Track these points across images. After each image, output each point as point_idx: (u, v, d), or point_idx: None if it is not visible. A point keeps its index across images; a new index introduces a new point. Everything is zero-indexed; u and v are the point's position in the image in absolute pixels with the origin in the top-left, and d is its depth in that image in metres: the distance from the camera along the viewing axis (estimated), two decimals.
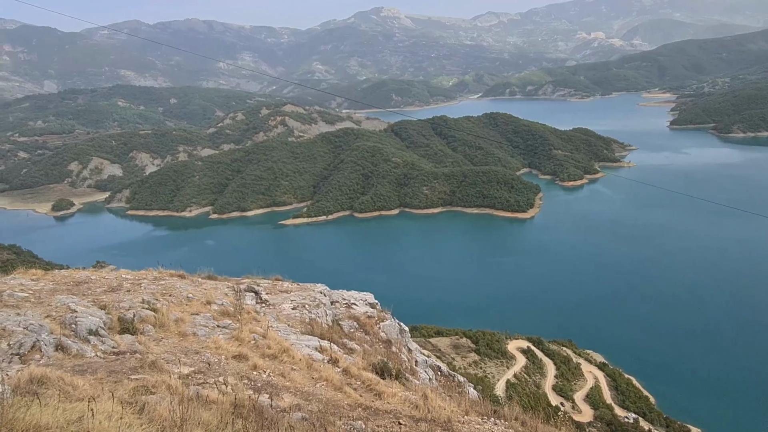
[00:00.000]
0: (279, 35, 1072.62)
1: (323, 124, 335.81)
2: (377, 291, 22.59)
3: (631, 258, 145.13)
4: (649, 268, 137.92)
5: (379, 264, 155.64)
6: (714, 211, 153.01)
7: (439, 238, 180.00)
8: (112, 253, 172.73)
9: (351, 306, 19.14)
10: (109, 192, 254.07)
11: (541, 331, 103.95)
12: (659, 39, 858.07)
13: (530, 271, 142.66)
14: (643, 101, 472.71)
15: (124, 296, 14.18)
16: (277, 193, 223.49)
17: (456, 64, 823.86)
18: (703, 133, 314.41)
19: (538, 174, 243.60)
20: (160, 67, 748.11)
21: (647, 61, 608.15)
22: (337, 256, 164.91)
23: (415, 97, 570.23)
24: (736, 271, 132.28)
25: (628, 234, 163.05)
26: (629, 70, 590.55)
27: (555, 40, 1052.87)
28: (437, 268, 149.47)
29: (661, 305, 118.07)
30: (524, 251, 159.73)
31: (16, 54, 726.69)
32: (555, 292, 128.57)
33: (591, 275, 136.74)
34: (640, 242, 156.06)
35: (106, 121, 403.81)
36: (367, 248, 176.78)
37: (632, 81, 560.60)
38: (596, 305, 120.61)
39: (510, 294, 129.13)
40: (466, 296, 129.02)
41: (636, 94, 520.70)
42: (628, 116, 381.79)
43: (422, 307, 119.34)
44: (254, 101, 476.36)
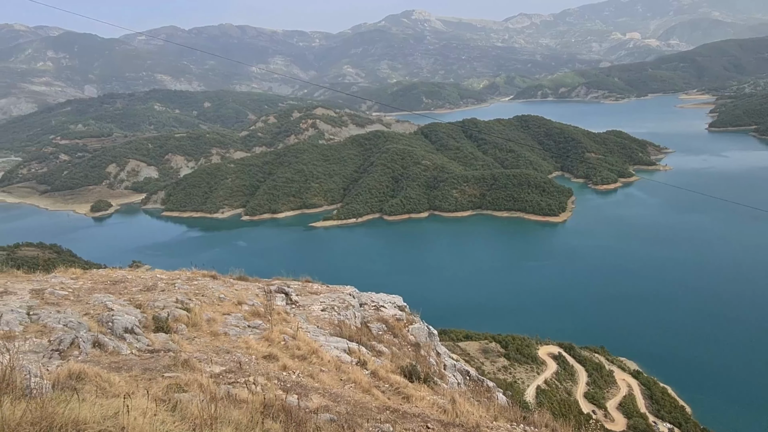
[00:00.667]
0: (311, 39, 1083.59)
1: (353, 127, 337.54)
2: (406, 294, 22.57)
3: (667, 264, 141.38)
4: (685, 275, 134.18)
5: (408, 267, 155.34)
6: (756, 217, 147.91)
7: (469, 242, 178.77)
8: (147, 252, 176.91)
9: (380, 308, 19.17)
10: (145, 193, 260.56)
11: (573, 336, 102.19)
12: (698, 39, 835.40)
13: (562, 275, 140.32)
14: (681, 103, 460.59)
15: (158, 296, 14.51)
16: (307, 196, 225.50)
17: (487, 66, 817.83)
18: (743, 135, 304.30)
19: (570, 177, 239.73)
20: (195, 72, 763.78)
21: (685, 62, 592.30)
22: (366, 259, 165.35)
23: (446, 100, 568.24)
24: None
25: (664, 239, 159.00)
26: (666, 71, 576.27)
27: (588, 41, 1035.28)
28: (467, 271, 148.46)
29: (698, 313, 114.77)
30: (556, 255, 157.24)
31: (59, 60, 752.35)
32: (587, 297, 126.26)
33: (625, 281, 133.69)
34: (676, 248, 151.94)
35: (143, 124, 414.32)
36: (396, 251, 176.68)
37: (669, 82, 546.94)
38: (630, 311, 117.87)
39: (541, 299, 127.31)
40: (495, 300, 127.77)
41: (673, 95, 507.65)
42: (664, 118, 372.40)
43: (451, 310, 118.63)
44: (286, 104, 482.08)
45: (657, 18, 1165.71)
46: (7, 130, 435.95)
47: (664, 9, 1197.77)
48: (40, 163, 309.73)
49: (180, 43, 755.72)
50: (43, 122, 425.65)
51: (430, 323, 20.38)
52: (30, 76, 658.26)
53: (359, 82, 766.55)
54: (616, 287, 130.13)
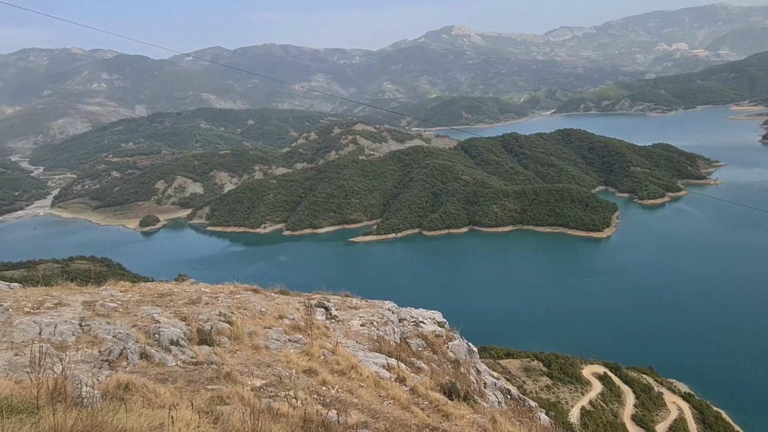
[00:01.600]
0: (351, 56, 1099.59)
1: (393, 143, 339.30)
2: (445, 309, 22.38)
3: (719, 282, 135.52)
4: (739, 294, 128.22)
5: (447, 282, 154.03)
6: None
7: (510, 257, 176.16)
8: (192, 266, 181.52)
9: (419, 324, 19.07)
10: (191, 209, 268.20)
11: (619, 356, 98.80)
12: (749, 48, 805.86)
13: (607, 292, 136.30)
14: (732, 114, 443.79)
15: (202, 309, 14.86)
16: (347, 211, 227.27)
17: (527, 80, 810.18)
18: None
19: (614, 192, 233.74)
20: (239, 90, 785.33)
21: (736, 72, 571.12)
22: (405, 274, 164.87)
23: (486, 114, 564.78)
24: None
25: (716, 256, 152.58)
26: (715, 82, 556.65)
27: (633, 52, 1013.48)
28: (507, 287, 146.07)
29: (754, 332, 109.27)
30: (600, 272, 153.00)
31: (112, 81, 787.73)
32: (634, 315, 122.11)
33: (673, 299, 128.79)
34: (730, 265, 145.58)
35: (189, 142, 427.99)
36: (436, 266, 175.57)
37: (719, 93, 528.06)
38: (680, 331, 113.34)
39: (585, 316, 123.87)
40: (538, 317, 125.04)
41: (723, 107, 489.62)
42: (714, 131, 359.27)
43: (492, 327, 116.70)
44: (326, 121, 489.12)
45: (705, 28, 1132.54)
46: (64, 148, 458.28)
47: (713, 18, 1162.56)
48: (93, 180, 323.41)
49: (225, 64, 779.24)
50: (97, 141, 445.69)
51: (470, 340, 20.14)
52: (85, 97, 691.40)
53: (399, 97, 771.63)
54: (665, 305, 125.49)
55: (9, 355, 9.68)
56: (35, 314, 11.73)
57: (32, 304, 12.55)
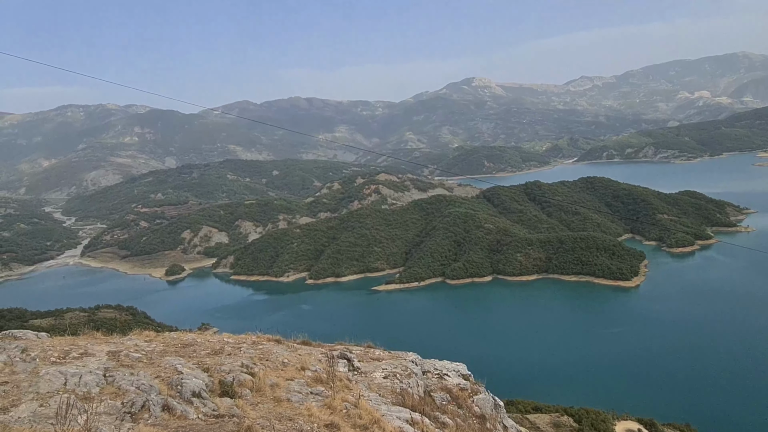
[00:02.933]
0: (374, 108, 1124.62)
1: (415, 192, 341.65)
2: (470, 361, 21.91)
3: (759, 334, 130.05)
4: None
5: (471, 332, 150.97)
6: None
7: (536, 307, 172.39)
8: (216, 315, 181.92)
9: (443, 377, 18.66)
10: (216, 258, 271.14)
11: (654, 411, 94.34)
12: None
13: (638, 344, 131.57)
14: (760, 161, 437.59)
15: (225, 359, 14.83)
16: (370, 260, 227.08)
17: (549, 129, 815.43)
18: None
19: (641, 240, 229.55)
20: (265, 142, 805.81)
21: (762, 119, 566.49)
22: (428, 324, 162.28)
23: (508, 163, 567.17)
24: None
25: (753, 307, 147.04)
26: (741, 129, 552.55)
27: (654, 101, 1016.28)
28: (534, 338, 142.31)
29: None
30: (631, 322, 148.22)
31: (144, 134, 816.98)
32: (668, 368, 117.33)
33: (708, 351, 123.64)
34: (766, 316, 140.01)
35: (216, 192, 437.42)
36: (460, 316, 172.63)
37: (745, 140, 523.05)
38: (716, 385, 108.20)
39: (616, 369, 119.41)
40: (566, 370, 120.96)
41: (750, 154, 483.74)
42: (742, 177, 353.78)
43: (518, 379, 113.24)
44: (350, 171, 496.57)
45: (727, 76, 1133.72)
46: (96, 199, 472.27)
47: (735, 67, 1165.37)
48: (122, 230, 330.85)
49: (251, 118, 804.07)
50: (127, 192, 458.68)
51: (496, 393, 19.58)
52: (118, 150, 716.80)
53: (421, 147, 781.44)
54: (701, 358, 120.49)
55: (34, 406, 9.75)
56: (61, 364, 11.85)
57: (58, 354, 12.69)
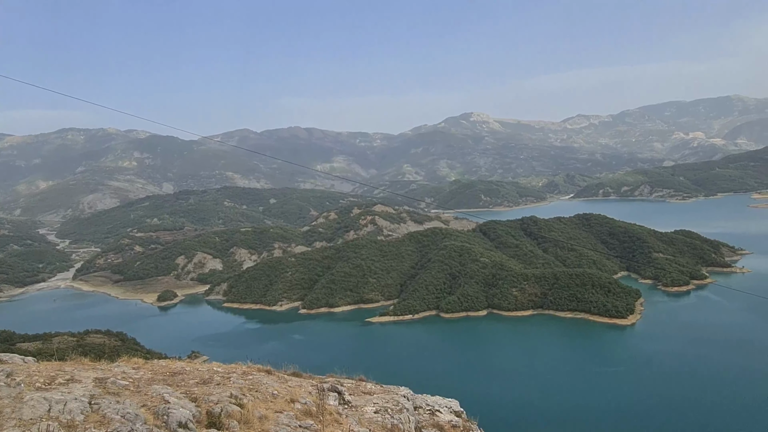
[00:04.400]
0: (372, 139, 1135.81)
1: (412, 224, 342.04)
2: (462, 397, 21.59)
3: (755, 377, 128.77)
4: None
5: (465, 368, 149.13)
6: None
7: (531, 343, 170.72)
8: (207, 343, 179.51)
9: (435, 413, 18.36)
10: (209, 285, 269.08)
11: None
12: (767, 138, 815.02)
13: (633, 385, 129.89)
14: (755, 202, 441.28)
15: (214, 389, 14.57)
16: (364, 291, 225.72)
17: (546, 165, 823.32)
18: None
19: (637, 278, 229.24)
20: (263, 170, 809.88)
21: (756, 161, 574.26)
22: (421, 358, 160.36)
23: (504, 198, 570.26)
24: None
25: (749, 349, 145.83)
26: (735, 170, 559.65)
27: (650, 140, 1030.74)
28: (528, 375, 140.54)
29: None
30: (626, 361, 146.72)
31: (143, 160, 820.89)
32: (665, 408, 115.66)
33: (706, 392, 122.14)
34: (762, 360, 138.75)
35: (212, 218, 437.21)
36: (453, 350, 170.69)
37: (739, 181, 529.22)
38: (714, 427, 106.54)
39: (613, 408, 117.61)
40: (561, 408, 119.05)
41: (745, 194, 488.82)
42: (737, 218, 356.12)
43: (511, 419, 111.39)
44: (347, 201, 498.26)
45: (721, 118, 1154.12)
46: (91, 222, 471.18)
47: (728, 109, 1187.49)
48: (116, 254, 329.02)
49: (250, 149, 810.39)
50: (123, 216, 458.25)
51: (489, 431, 19.24)
52: (116, 174, 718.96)
53: (418, 180, 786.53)
54: (696, 399, 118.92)
55: None
56: (46, 390, 11.63)
57: (44, 379, 12.47)
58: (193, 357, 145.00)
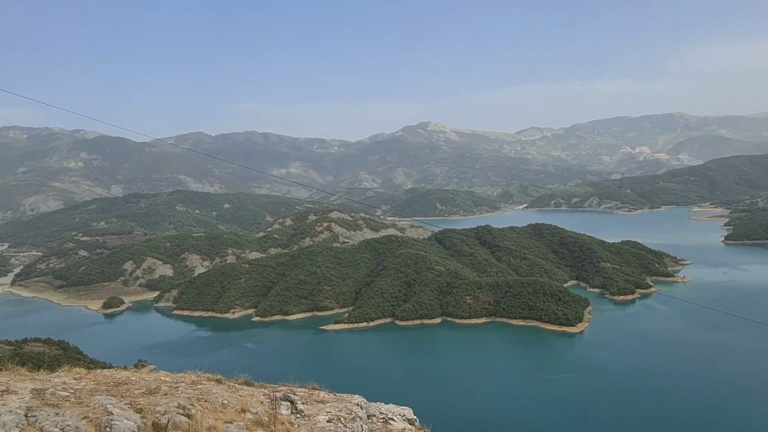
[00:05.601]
0: (329, 146, 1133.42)
1: (368, 231, 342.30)
2: (416, 405, 21.60)
3: (695, 384, 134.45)
4: (715, 396, 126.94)
5: (419, 375, 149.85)
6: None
7: (484, 350, 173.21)
8: (154, 352, 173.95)
9: (388, 421, 18.31)
10: (158, 291, 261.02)
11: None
12: (706, 154, 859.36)
13: (585, 391, 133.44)
14: (695, 215, 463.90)
15: (160, 399, 14.08)
16: (319, 298, 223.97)
17: (500, 175, 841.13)
18: (762, 249, 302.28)
19: (586, 287, 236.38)
20: (218, 174, 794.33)
21: (696, 176, 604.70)
22: (376, 365, 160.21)
23: (460, 207, 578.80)
24: None
25: (689, 357, 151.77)
26: (677, 184, 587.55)
27: (599, 153, 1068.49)
28: (481, 381, 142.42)
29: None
30: (575, 369, 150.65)
31: (91, 161, 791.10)
32: (610, 414, 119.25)
33: (649, 399, 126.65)
34: (703, 368, 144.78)
35: (163, 223, 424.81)
36: (408, 358, 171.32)
37: (681, 195, 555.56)
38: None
39: (562, 415, 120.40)
40: (512, 415, 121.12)
41: (686, 207, 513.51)
42: (679, 230, 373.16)
43: (465, 424, 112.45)
44: (303, 207, 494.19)
45: (665, 134, 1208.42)
46: (33, 225, 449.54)
47: (672, 126, 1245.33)
48: (59, 258, 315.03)
49: (205, 150, 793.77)
50: (68, 219, 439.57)
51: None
52: (61, 175, 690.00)
53: (375, 187, 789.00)
54: (638, 405, 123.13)
55: None
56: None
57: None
58: (139, 366, 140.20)
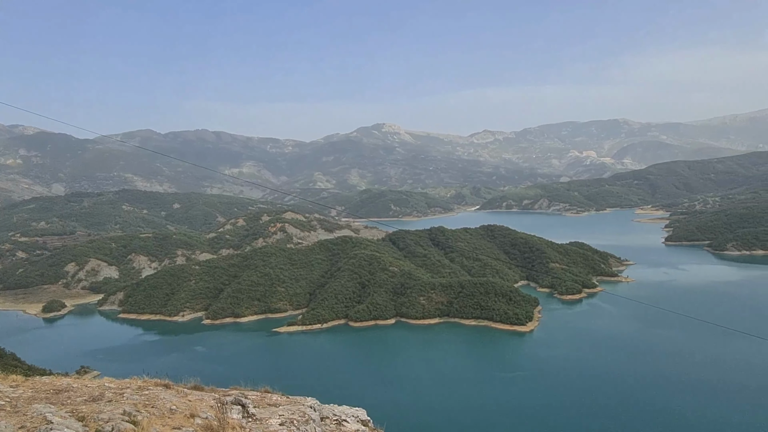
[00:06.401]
0: (283, 146, 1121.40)
1: (322, 232, 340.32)
2: (370, 406, 21.58)
3: (637, 378, 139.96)
4: (658, 392, 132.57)
5: (373, 376, 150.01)
6: (726, 334, 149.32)
7: (437, 351, 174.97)
8: (98, 357, 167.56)
9: (341, 423, 18.21)
10: (103, 294, 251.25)
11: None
12: (648, 159, 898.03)
13: (534, 388, 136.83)
14: (637, 218, 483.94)
15: (104, 407, 13.53)
16: (272, 300, 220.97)
17: (453, 177, 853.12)
18: (699, 249, 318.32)
19: (536, 287, 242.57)
20: (167, 174, 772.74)
21: (638, 180, 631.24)
22: (329, 367, 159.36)
23: (414, 208, 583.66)
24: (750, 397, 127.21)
25: (631, 352, 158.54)
26: (621, 187, 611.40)
27: (549, 157, 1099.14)
28: (434, 381, 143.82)
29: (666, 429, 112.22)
30: (525, 367, 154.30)
31: (30, 158, 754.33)
32: (558, 409, 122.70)
33: (594, 393, 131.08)
34: (643, 362, 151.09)
35: (108, 224, 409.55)
36: (361, 359, 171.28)
37: (625, 198, 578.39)
38: (601, 424, 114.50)
39: (514, 412, 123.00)
40: (466, 413, 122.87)
41: (629, 210, 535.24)
42: (623, 232, 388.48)
43: (419, 424, 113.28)
44: (256, 208, 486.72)
45: (610, 139, 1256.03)
46: None
47: (617, 131, 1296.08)
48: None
49: (154, 148, 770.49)
50: (5, 219, 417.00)
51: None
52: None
53: (329, 188, 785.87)
54: (584, 400, 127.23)
55: None
56: None
57: None
58: (82, 373, 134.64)
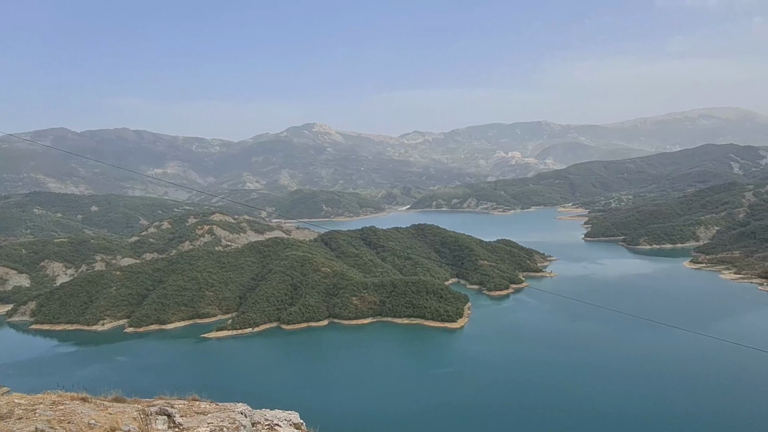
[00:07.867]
0: (210, 146, 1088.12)
1: (252, 234, 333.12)
2: (303, 409, 21.31)
3: (561, 369, 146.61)
4: (584, 383, 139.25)
5: (306, 379, 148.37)
6: (641, 324, 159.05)
7: (371, 350, 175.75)
8: (7, 373, 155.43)
9: (273, 427, 17.84)
10: (13, 304, 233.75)
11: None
12: (569, 159, 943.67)
13: (464, 383, 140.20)
14: (559, 215, 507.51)
15: (14, 425, 12.54)
16: (200, 305, 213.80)
17: (384, 177, 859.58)
18: (614, 245, 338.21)
19: (465, 284, 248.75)
20: (84, 175, 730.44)
21: (560, 179, 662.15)
22: (261, 371, 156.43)
23: (345, 208, 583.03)
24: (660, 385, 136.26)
25: (556, 344, 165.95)
26: (544, 186, 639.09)
27: (476, 157, 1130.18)
28: (367, 381, 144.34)
29: (591, 415, 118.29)
30: (456, 362, 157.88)
31: None
32: (487, 401, 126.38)
33: (522, 385, 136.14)
34: (565, 353, 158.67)
35: (18, 228, 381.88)
36: (294, 362, 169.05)
37: (548, 196, 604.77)
38: (532, 420, 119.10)
39: (446, 408, 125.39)
40: (399, 412, 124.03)
41: (552, 208, 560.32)
42: (546, 229, 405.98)
43: (352, 424, 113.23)
44: (182, 210, 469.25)
45: (534, 140, 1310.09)
46: None
47: (539, 133, 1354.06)
48: None
49: (66, 150, 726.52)
50: None
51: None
52: None
53: (259, 189, 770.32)
54: (513, 392, 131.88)
55: None
56: None
57: None
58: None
